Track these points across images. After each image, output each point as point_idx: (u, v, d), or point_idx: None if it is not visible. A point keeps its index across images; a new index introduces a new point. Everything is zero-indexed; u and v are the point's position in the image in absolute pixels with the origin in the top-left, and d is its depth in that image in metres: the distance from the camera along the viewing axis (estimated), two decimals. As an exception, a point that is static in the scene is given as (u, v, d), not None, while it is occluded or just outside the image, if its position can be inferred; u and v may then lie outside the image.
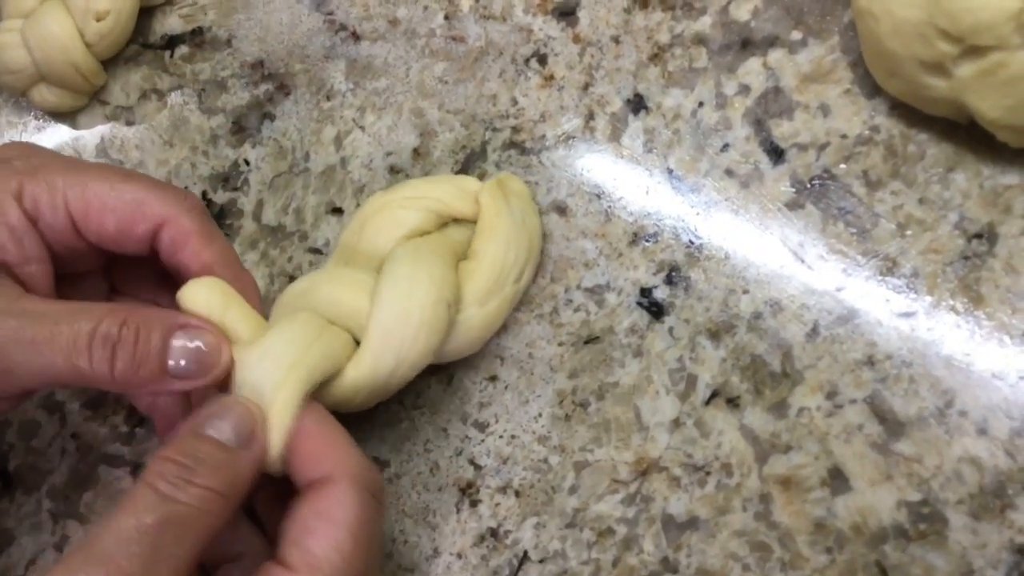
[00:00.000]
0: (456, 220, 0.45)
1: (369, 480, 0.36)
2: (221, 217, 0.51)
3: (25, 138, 0.58)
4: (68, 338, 0.35)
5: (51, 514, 0.49)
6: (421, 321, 0.40)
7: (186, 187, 0.53)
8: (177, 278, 0.40)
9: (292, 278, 0.49)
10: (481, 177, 0.47)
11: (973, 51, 0.37)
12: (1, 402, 0.39)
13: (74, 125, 0.57)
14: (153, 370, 0.36)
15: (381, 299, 0.40)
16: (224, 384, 0.38)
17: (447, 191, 0.45)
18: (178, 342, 0.36)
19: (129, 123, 0.55)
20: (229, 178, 0.52)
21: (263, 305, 0.49)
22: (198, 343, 0.37)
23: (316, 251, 0.49)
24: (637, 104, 0.46)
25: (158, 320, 0.37)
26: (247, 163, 0.52)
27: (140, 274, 0.44)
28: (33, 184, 0.39)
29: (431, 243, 0.43)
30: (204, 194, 0.52)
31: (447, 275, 0.41)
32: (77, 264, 0.41)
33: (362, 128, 0.50)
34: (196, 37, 0.56)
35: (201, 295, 0.39)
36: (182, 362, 0.36)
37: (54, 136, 0.57)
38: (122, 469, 0.49)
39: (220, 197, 0.52)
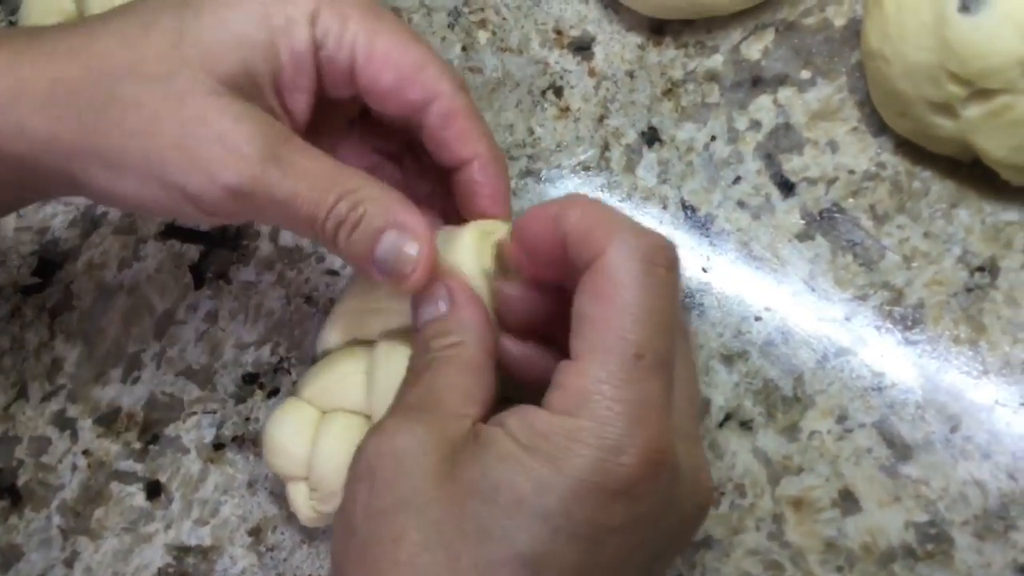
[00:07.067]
0: None
1: (647, 247, 0.30)
2: (238, 238, 0.52)
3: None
4: (310, 207, 0.36)
5: (61, 530, 0.49)
6: None
7: (202, 208, 0.53)
8: (435, 151, 0.40)
9: (308, 299, 0.50)
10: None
11: (981, 94, 0.39)
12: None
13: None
14: (364, 255, 0.36)
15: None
16: None
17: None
18: (389, 237, 0.36)
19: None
20: (246, 200, 0.53)
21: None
22: (406, 247, 0.36)
23: (333, 272, 0.50)
24: (651, 136, 0.48)
25: (383, 208, 0.36)
26: (264, 186, 0.53)
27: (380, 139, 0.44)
28: (329, 13, 0.38)
29: None
30: (220, 215, 0.53)
31: None
32: (330, 110, 0.41)
33: (380, 154, 0.52)
34: (214, 61, 0.56)
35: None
36: (384, 254, 0.36)
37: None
38: (134, 485, 0.49)
39: (237, 218, 0.53)
